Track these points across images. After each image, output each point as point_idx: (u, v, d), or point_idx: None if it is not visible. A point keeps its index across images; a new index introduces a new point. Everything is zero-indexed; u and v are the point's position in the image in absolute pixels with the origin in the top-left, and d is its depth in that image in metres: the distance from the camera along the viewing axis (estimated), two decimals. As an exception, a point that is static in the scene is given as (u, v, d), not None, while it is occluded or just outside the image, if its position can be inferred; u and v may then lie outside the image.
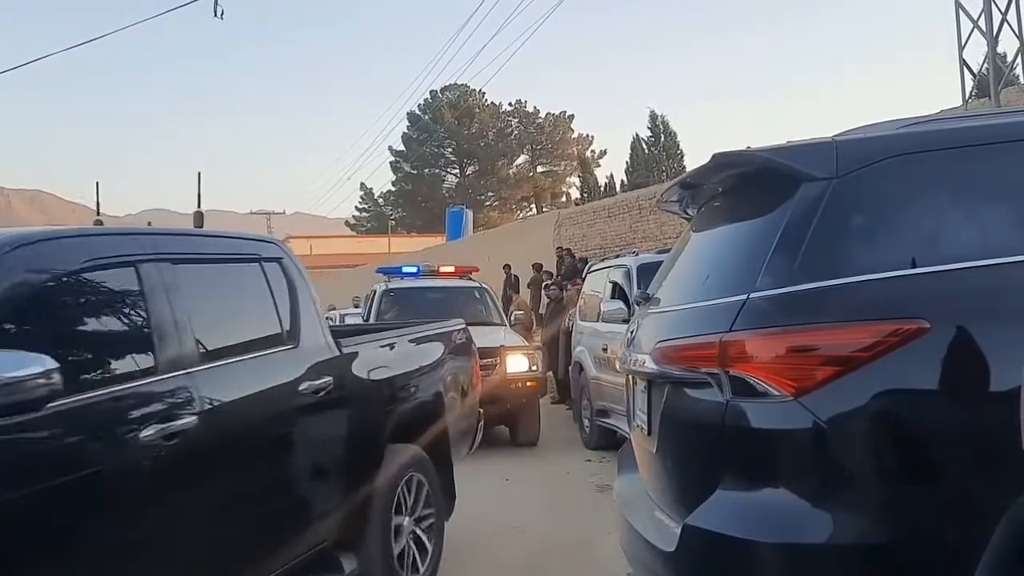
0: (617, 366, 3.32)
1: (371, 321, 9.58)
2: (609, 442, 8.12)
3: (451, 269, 11.32)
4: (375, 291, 10.47)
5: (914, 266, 2.12)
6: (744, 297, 2.22)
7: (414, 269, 11.22)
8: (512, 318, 10.55)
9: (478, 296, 10.32)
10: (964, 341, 2.01)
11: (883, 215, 2.22)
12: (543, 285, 14.69)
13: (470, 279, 10.90)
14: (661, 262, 3.42)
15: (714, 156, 2.56)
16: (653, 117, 40.86)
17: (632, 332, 3.16)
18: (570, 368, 9.89)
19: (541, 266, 16.54)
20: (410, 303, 10.04)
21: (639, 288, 6.38)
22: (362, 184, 56.95)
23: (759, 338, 2.17)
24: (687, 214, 3.26)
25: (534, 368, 8.70)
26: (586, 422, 8.81)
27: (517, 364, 8.58)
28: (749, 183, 2.60)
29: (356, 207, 57.04)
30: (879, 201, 2.24)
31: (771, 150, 2.47)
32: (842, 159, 2.27)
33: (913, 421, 2.04)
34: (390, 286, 10.63)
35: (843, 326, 2.09)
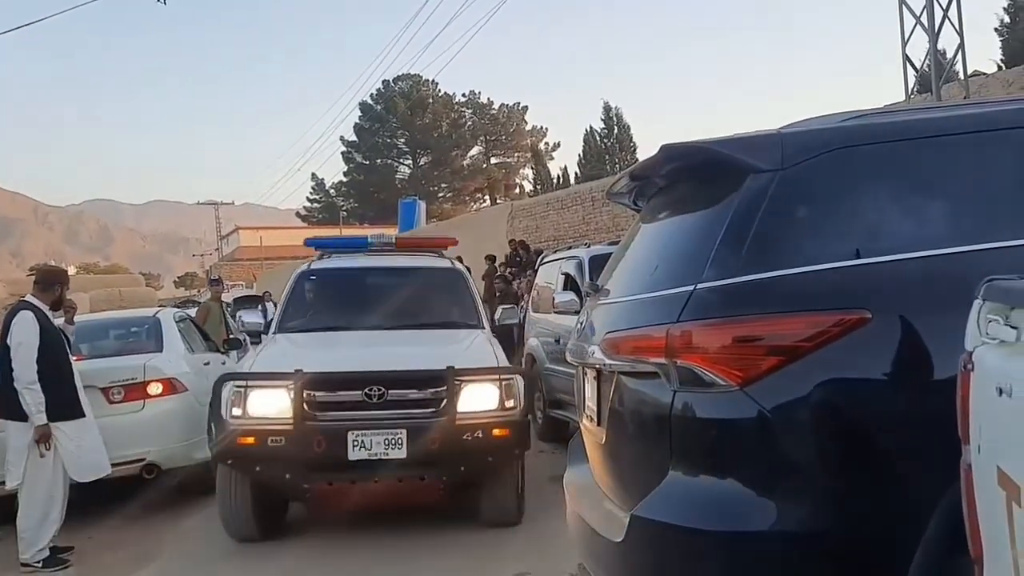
0: (567, 357, 3.32)
1: (277, 325, 6.59)
2: (562, 433, 8.15)
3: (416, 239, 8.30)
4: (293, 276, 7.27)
5: (857, 257, 2.15)
6: (691, 288, 2.23)
7: (363, 239, 7.70)
8: (498, 318, 7.82)
9: (449, 283, 7.11)
10: (904, 331, 2.05)
11: (827, 206, 2.25)
12: (493, 277, 14.68)
13: (442, 256, 7.62)
14: (612, 254, 3.42)
15: (662, 148, 2.56)
16: (607, 109, 41.04)
17: (581, 323, 3.16)
18: (523, 360, 9.90)
19: (495, 258, 16.53)
20: (343, 295, 7.10)
21: (591, 279, 6.41)
22: (313, 175, 56.37)
23: (705, 329, 2.18)
24: (636, 206, 3.27)
25: (509, 405, 5.28)
26: (539, 413, 8.83)
27: (475, 399, 5.25)
28: (696, 175, 2.61)
29: (307, 198, 56.40)
30: (823, 193, 2.27)
31: (718, 142, 2.48)
32: (787, 151, 2.29)
33: (854, 410, 2.07)
34: (314, 267, 7.30)
35: (787, 316, 2.11)
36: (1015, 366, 1.35)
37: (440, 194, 50.98)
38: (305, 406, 5.03)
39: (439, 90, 50.93)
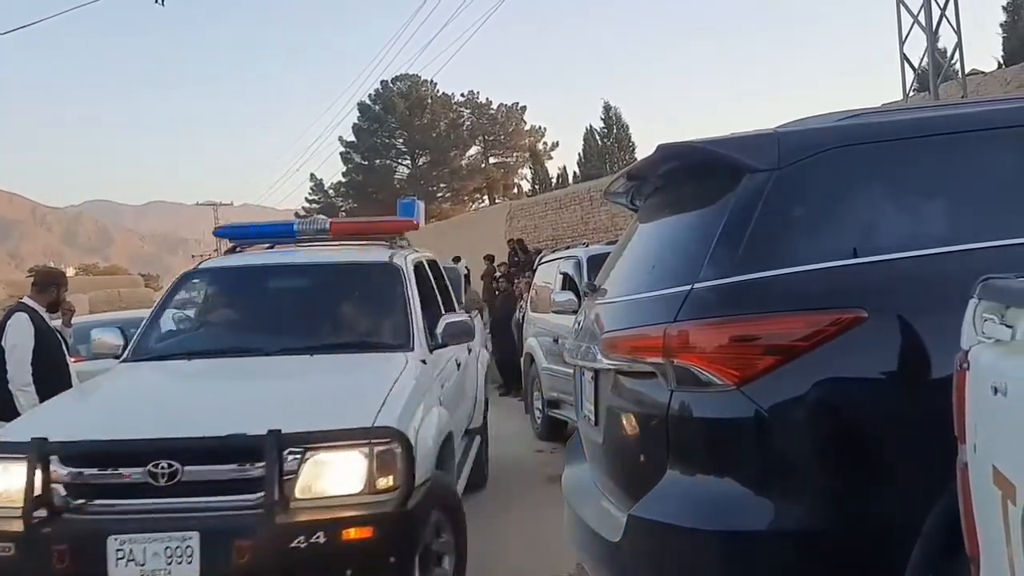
0: (566, 357, 3.32)
1: (132, 348, 4.82)
2: (560, 433, 8.16)
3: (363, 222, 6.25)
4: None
5: (853, 256, 2.15)
6: (688, 288, 2.24)
7: (289, 226, 5.84)
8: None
9: (378, 287, 5.05)
10: (901, 330, 2.05)
11: (823, 206, 2.25)
12: (493, 276, 14.68)
13: (395, 244, 5.65)
14: (610, 253, 3.43)
15: (658, 148, 2.57)
16: (607, 108, 41.01)
17: (579, 323, 3.17)
18: (521, 359, 9.90)
19: (493, 258, 16.52)
20: (230, 305, 5.38)
21: (589, 279, 6.41)
22: (312, 175, 56.19)
23: (702, 328, 2.19)
24: (633, 205, 3.27)
25: (382, 485, 3.35)
26: (537, 413, 8.83)
27: (321, 478, 3.38)
28: (693, 174, 2.61)
29: (306, 198, 56.22)
30: (819, 192, 2.27)
31: (714, 142, 2.49)
32: (783, 151, 2.30)
33: (851, 409, 2.08)
34: (203, 266, 5.75)
35: (784, 316, 2.11)
36: (1010, 365, 1.36)
37: (439, 194, 50.92)
38: (47, 495, 3.26)
39: (437, 90, 50.87)
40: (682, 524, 2.17)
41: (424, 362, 4.48)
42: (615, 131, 40.88)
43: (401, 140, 51.24)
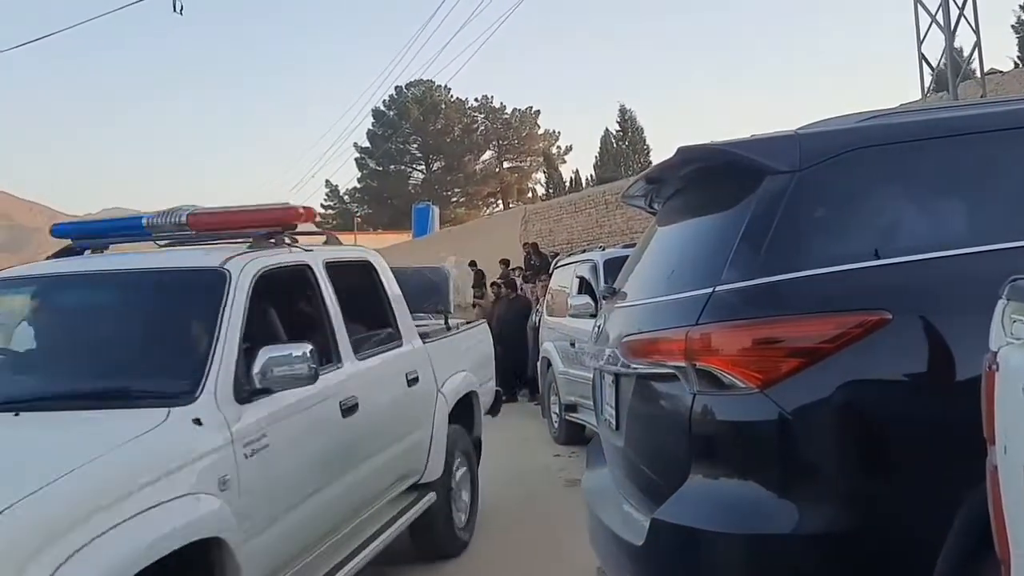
0: (585, 361, 3.32)
1: None
2: (577, 437, 8.14)
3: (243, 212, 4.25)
4: None
5: (877, 258, 2.14)
6: (710, 290, 2.23)
7: (137, 220, 4.26)
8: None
9: (189, 307, 3.55)
10: (926, 332, 2.04)
11: (845, 207, 2.24)
12: (494, 281, 14.71)
13: (280, 241, 4.03)
14: (627, 257, 3.42)
15: (678, 150, 2.56)
16: (623, 112, 41.04)
17: (599, 327, 3.16)
18: (538, 363, 9.89)
19: (508, 262, 16.54)
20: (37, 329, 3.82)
21: (606, 283, 6.40)
22: (327, 181, 56.51)
23: (725, 331, 2.18)
24: (652, 208, 3.27)
25: None
26: (554, 417, 8.81)
27: None
28: (713, 177, 2.60)
29: (322, 204, 56.48)
30: (841, 194, 2.26)
31: (734, 144, 2.48)
32: (804, 152, 2.29)
33: (877, 412, 2.06)
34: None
35: (807, 318, 2.10)
36: (1041, 366, 1.34)
37: (453, 199, 51.07)
38: None
39: (451, 95, 51.06)
40: (706, 527, 2.16)
41: (199, 422, 2.89)
42: (630, 134, 40.87)
43: (415, 145, 51.42)
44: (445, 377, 5.08)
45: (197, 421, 2.91)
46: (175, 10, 14.57)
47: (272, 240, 3.98)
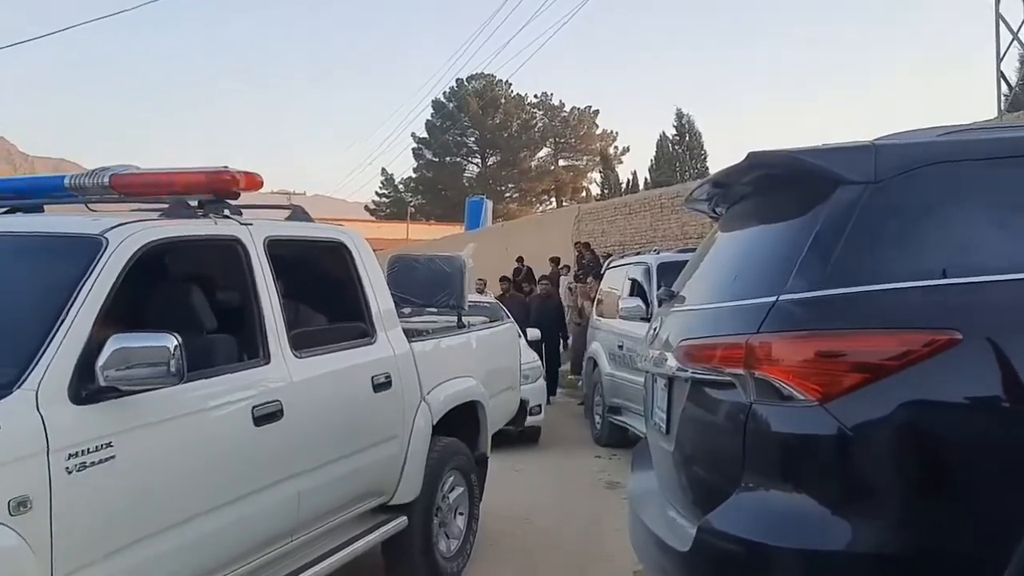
0: (638, 363, 3.30)
1: None
2: (620, 439, 8.11)
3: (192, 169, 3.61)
4: None
5: (949, 276, 2.08)
6: (773, 299, 2.19)
7: (57, 180, 3.70)
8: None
9: (41, 283, 2.87)
10: (996, 354, 1.98)
11: (920, 223, 2.19)
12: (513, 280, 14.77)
13: (215, 212, 3.51)
14: (682, 261, 3.39)
15: (749, 155, 2.53)
16: (679, 116, 40.64)
17: (654, 330, 3.14)
18: (583, 364, 9.87)
19: (559, 260, 16.52)
20: None
21: (659, 286, 6.34)
22: (383, 169, 57.16)
23: (787, 341, 2.14)
24: (715, 213, 3.23)
25: None
26: (597, 419, 8.79)
27: None
28: (782, 184, 2.56)
29: (376, 192, 57.14)
30: (917, 208, 2.20)
31: (807, 152, 2.43)
32: (881, 164, 2.24)
33: (940, 433, 2.01)
34: None
35: (874, 333, 2.06)
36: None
37: (507, 194, 51.15)
38: None
39: (511, 90, 51.12)
40: (755, 539, 2.12)
41: None
42: (687, 138, 40.47)
43: (473, 139, 51.61)
44: (436, 383, 4.35)
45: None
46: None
47: (201, 209, 3.46)
